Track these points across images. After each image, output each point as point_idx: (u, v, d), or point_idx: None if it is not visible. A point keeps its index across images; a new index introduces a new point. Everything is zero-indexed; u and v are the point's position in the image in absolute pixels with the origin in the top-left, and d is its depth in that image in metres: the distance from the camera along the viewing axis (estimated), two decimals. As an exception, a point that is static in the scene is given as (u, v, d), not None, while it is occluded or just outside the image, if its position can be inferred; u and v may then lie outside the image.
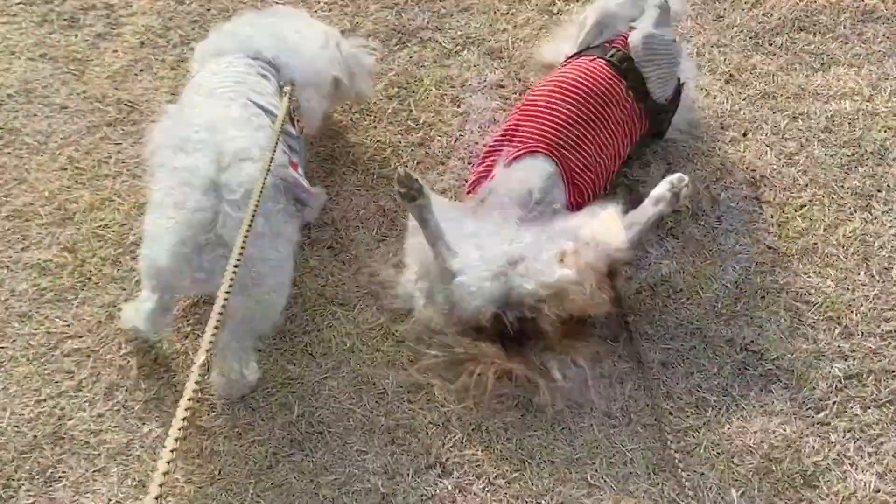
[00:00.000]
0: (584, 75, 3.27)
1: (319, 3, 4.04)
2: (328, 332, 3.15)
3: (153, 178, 2.83)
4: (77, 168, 3.48)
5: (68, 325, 3.13)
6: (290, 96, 3.04)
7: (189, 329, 3.12)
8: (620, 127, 3.27)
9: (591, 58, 3.34)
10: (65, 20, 3.93)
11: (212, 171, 2.63)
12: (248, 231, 2.51)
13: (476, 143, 3.59)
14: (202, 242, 2.64)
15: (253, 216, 2.57)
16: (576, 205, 3.17)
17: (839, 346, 3.13)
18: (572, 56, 3.43)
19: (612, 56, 3.32)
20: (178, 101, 3.08)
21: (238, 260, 2.42)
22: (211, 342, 2.15)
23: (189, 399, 2.02)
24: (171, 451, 1.90)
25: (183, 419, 1.97)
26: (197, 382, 2.07)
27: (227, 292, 2.31)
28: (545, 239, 3.00)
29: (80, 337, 3.11)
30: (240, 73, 3.04)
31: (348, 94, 3.35)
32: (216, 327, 2.19)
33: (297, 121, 3.08)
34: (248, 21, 3.35)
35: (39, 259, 3.26)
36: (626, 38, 3.36)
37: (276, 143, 2.78)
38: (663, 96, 3.36)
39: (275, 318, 2.97)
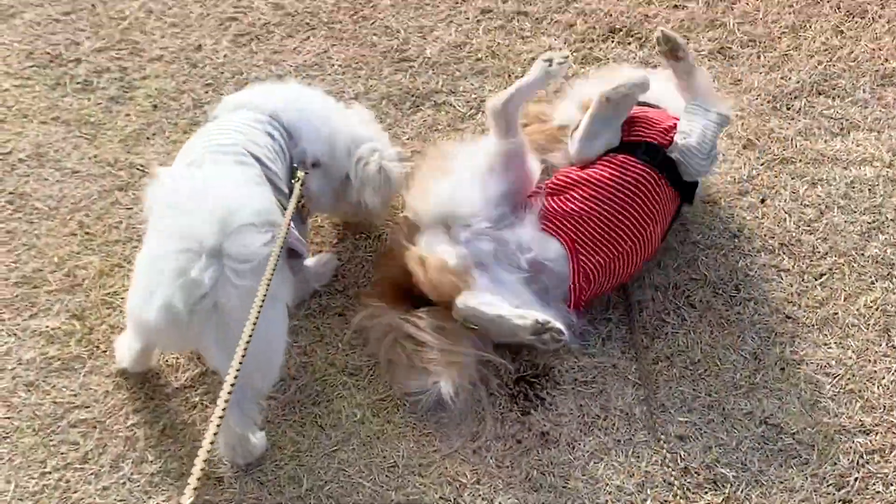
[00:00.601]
0: (618, 174, 3.19)
1: (333, 66, 4.02)
2: (338, 402, 3.10)
3: (148, 224, 2.82)
4: (87, 233, 3.46)
5: (75, 395, 3.09)
6: (301, 182, 3.00)
7: (197, 399, 3.08)
8: (651, 217, 3.21)
9: (626, 156, 3.24)
10: (78, 83, 3.92)
11: (215, 237, 2.58)
12: (257, 315, 2.48)
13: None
14: (196, 306, 2.60)
15: (264, 297, 2.55)
16: (580, 288, 3.16)
17: (861, 420, 3.06)
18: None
19: (648, 156, 3.23)
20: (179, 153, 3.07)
21: (245, 348, 2.39)
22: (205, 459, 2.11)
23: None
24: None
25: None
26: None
27: (232, 385, 2.26)
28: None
29: (87, 407, 3.07)
30: (243, 123, 3.03)
31: (351, 195, 3.29)
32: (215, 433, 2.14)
33: (303, 206, 3.05)
34: (283, 86, 3.34)
35: (47, 327, 3.22)
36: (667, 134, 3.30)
37: (287, 228, 2.76)
38: (698, 176, 3.35)
39: (274, 377, 2.93)
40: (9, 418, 3.04)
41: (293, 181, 3.02)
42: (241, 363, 2.36)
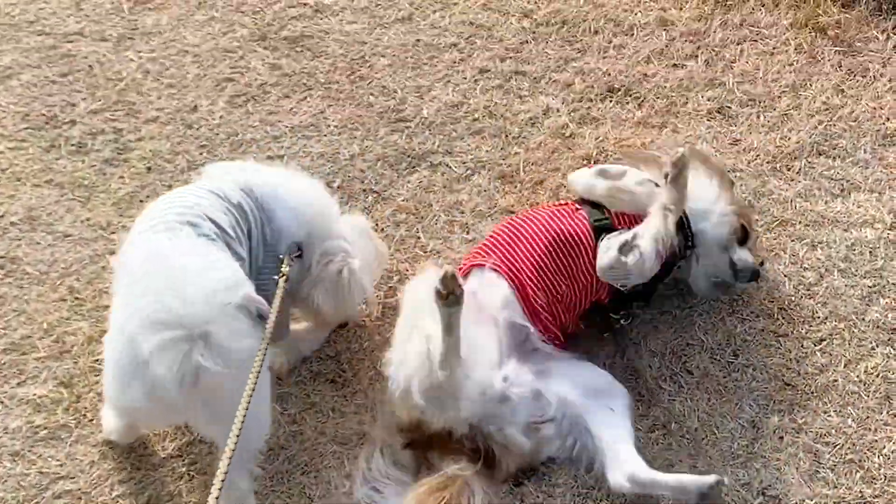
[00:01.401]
0: (567, 222, 3.18)
1: (329, 126, 4.00)
2: (327, 472, 3.05)
3: (115, 296, 2.73)
4: (77, 299, 3.42)
5: (61, 465, 3.04)
6: (286, 278, 2.94)
7: (183, 470, 3.04)
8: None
9: (577, 208, 3.23)
10: (73, 145, 3.91)
11: (203, 320, 2.52)
12: (249, 398, 2.47)
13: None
14: (190, 390, 2.55)
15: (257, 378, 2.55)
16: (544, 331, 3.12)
17: (861, 491, 3.00)
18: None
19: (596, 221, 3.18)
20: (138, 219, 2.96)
21: (240, 428, 2.37)
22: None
23: None
24: None
25: None
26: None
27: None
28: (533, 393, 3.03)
29: (73, 477, 3.02)
30: (205, 189, 2.94)
31: (301, 290, 3.14)
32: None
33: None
34: (261, 165, 3.28)
35: (35, 395, 3.18)
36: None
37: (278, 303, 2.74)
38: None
39: (265, 432, 2.86)
40: (-7, 489, 3.00)
41: (277, 277, 2.93)
42: (235, 442, 2.38)
